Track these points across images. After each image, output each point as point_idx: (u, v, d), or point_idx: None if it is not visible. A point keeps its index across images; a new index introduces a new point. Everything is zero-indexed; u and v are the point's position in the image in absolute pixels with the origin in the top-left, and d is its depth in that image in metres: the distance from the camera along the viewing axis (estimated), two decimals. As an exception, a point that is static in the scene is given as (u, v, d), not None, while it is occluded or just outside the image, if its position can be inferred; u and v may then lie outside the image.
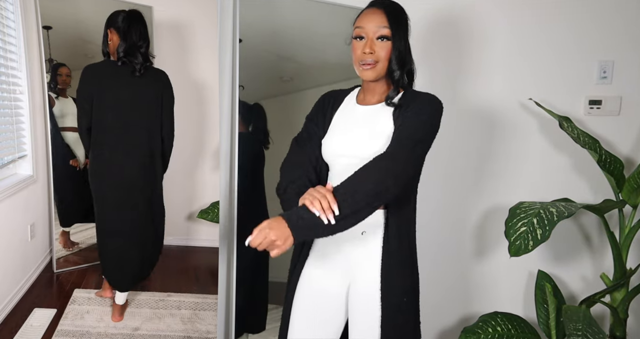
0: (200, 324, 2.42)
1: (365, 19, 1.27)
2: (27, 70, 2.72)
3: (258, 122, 1.86)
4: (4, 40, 2.53)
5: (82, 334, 2.26)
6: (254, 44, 1.74)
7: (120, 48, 2.23)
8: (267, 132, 1.86)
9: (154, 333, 2.33)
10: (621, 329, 1.81)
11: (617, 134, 2.00)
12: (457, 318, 2.13)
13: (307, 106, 1.52)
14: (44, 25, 2.78)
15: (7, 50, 2.56)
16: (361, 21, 1.27)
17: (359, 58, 1.27)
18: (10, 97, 2.61)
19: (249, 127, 1.82)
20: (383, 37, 1.25)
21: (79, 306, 2.52)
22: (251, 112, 1.82)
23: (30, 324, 2.32)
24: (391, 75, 1.28)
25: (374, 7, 1.28)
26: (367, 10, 1.29)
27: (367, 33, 1.25)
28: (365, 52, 1.25)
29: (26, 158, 2.77)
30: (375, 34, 1.25)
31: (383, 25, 1.24)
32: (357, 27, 1.27)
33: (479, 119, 2.02)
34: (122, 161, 2.27)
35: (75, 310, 2.48)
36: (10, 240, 2.50)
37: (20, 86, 2.71)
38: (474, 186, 2.06)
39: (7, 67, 2.57)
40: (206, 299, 2.67)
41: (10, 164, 2.62)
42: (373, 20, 1.25)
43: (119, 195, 2.28)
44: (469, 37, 1.98)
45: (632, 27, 1.94)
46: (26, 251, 2.71)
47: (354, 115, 1.35)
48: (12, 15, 2.63)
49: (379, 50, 1.25)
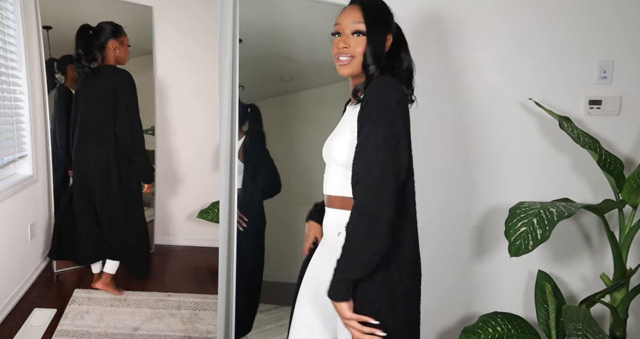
0: (200, 324, 2.42)
1: (342, 15, 1.28)
2: (27, 70, 2.72)
3: (255, 124, 1.86)
4: (4, 40, 2.53)
5: (82, 334, 2.26)
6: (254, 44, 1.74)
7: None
8: (264, 133, 1.86)
9: (154, 333, 2.33)
10: (621, 329, 1.81)
11: (617, 134, 2.00)
12: (457, 318, 2.13)
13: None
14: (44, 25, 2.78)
15: (7, 50, 2.56)
16: (339, 18, 1.28)
17: (335, 53, 1.27)
18: (10, 97, 2.61)
19: (242, 127, 1.81)
20: (358, 32, 1.24)
21: (79, 306, 2.53)
22: (246, 113, 1.82)
23: (30, 324, 2.32)
24: (365, 70, 1.26)
25: (352, 4, 1.29)
26: (346, 7, 1.30)
27: (343, 29, 1.26)
28: (339, 47, 1.25)
29: (26, 158, 2.77)
30: (351, 30, 1.25)
31: (358, 21, 1.24)
32: (336, 24, 1.28)
33: (479, 118, 2.02)
34: (79, 154, 2.57)
35: (75, 310, 2.48)
36: (10, 240, 2.50)
37: (20, 85, 2.71)
38: (474, 186, 2.06)
39: (7, 67, 2.57)
40: (206, 299, 2.67)
41: (10, 164, 2.62)
42: (349, 16, 1.26)
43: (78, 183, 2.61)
44: (469, 37, 1.98)
45: (632, 27, 1.94)
46: (26, 251, 2.71)
47: (343, 116, 1.37)
48: (12, 15, 2.63)
49: (354, 46, 1.24)
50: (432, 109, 2.02)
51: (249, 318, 1.92)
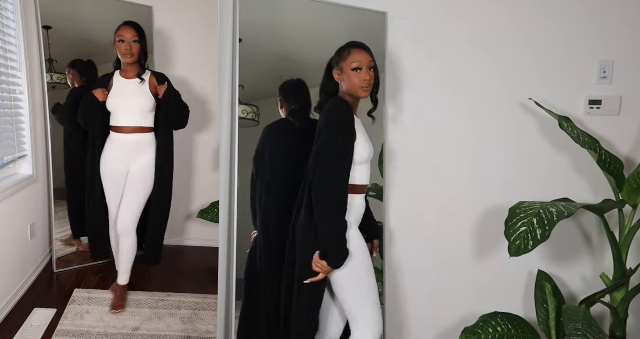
0: (200, 324, 2.42)
1: (358, 56, 1.64)
2: (27, 70, 2.72)
3: (304, 99, 1.85)
4: (4, 40, 2.53)
5: (82, 334, 2.26)
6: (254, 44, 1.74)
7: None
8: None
9: (154, 333, 2.33)
10: (621, 329, 1.81)
11: (617, 134, 2.00)
12: (457, 318, 2.13)
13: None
14: (44, 25, 2.78)
15: (7, 50, 2.56)
16: (357, 56, 1.63)
17: (361, 84, 1.62)
18: (10, 97, 2.61)
19: (292, 107, 1.81)
20: (372, 68, 1.66)
21: (79, 306, 2.53)
22: (295, 89, 1.83)
23: (30, 324, 2.32)
24: (375, 95, 1.73)
25: (361, 48, 1.65)
26: (357, 49, 1.64)
27: (363, 66, 1.63)
28: (367, 79, 1.62)
29: (26, 158, 2.77)
30: (368, 66, 1.65)
31: (371, 60, 1.65)
32: (355, 61, 1.63)
33: (479, 118, 2.02)
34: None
35: (75, 310, 2.48)
36: (10, 240, 2.50)
37: (20, 86, 2.71)
38: (474, 186, 2.06)
39: (7, 67, 2.57)
40: (206, 299, 2.67)
41: (10, 164, 2.62)
42: (366, 57, 1.64)
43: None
44: (469, 37, 1.98)
45: (632, 27, 1.94)
46: (26, 251, 2.71)
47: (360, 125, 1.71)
48: (12, 15, 2.63)
49: (371, 79, 1.65)
50: (432, 109, 2.02)
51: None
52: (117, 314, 2.46)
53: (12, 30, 2.63)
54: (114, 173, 2.57)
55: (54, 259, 2.92)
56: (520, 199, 1.74)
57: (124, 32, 2.46)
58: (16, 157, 2.67)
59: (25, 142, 2.76)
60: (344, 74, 1.63)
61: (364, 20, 1.91)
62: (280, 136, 1.79)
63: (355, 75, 1.61)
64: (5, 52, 2.55)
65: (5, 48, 2.54)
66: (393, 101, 2.01)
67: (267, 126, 1.78)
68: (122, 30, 2.47)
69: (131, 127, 2.52)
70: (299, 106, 1.82)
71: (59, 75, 2.89)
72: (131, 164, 2.55)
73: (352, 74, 1.61)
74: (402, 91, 2.00)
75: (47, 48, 2.80)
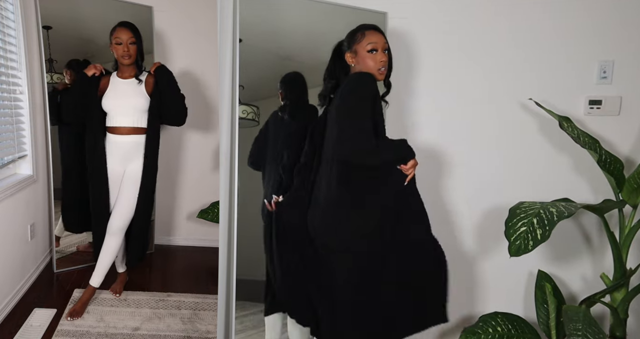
0: (200, 324, 2.42)
1: (373, 37, 1.62)
2: (27, 70, 2.72)
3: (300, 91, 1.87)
4: (4, 41, 2.53)
5: (82, 334, 2.27)
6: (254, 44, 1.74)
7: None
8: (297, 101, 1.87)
9: (154, 333, 2.33)
10: (621, 329, 1.81)
11: (617, 134, 2.00)
12: (457, 318, 2.13)
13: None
14: (44, 25, 2.78)
15: (7, 50, 2.56)
16: (372, 37, 1.61)
17: (377, 65, 1.61)
18: (10, 97, 2.61)
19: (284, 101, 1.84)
20: (386, 50, 1.65)
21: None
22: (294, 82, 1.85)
23: (30, 324, 2.32)
24: (389, 76, 1.73)
25: (374, 30, 1.64)
26: (370, 30, 1.63)
27: (378, 47, 1.61)
28: (383, 60, 1.61)
29: (26, 158, 2.77)
30: (383, 48, 1.63)
31: (385, 41, 1.65)
32: (370, 42, 1.60)
33: (479, 118, 2.02)
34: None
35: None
36: (11, 240, 2.50)
37: (20, 86, 2.71)
38: (474, 185, 2.06)
39: (7, 67, 2.57)
40: (206, 299, 2.67)
41: (10, 164, 2.62)
42: (381, 38, 1.64)
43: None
44: (469, 37, 1.98)
45: (632, 27, 1.94)
46: (26, 251, 2.71)
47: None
48: (12, 15, 2.63)
49: (386, 60, 1.65)
50: (432, 109, 2.02)
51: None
52: (117, 310, 2.46)
53: (12, 30, 2.63)
54: (110, 174, 2.55)
55: (54, 259, 2.92)
56: (521, 199, 1.74)
57: (120, 34, 2.41)
58: (16, 157, 2.67)
59: (25, 142, 2.76)
60: (358, 56, 1.61)
61: (364, 20, 1.91)
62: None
63: (370, 57, 1.59)
64: (5, 52, 2.55)
65: (5, 48, 2.54)
66: (392, 101, 2.01)
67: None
68: (118, 32, 2.42)
69: (127, 127, 2.47)
70: (290, 100, 1.82)
71: (59, 75, 2.89)
72: (127, 165, 2.53)
73: (368, 56, 1.59)
74: (401, 90, 2.00)
75: (47, 48, 2.80)
